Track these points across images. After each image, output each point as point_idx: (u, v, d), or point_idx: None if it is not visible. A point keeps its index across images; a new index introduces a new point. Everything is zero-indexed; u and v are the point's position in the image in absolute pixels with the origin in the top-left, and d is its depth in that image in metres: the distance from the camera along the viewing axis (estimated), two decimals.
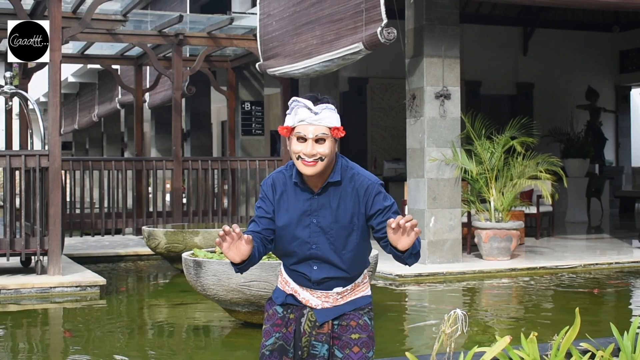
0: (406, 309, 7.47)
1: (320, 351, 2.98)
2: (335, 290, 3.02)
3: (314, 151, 2.88)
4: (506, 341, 3.75)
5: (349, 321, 3.01)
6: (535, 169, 9.96)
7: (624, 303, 7.72)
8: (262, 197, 3.05)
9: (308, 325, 3.00)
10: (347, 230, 2.97)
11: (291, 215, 2.99)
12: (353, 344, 2.99)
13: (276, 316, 3.06)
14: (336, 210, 2.96)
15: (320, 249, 2.97)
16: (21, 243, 8.41)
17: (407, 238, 2.81)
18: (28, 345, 6.13)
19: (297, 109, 2.93)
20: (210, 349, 5.93)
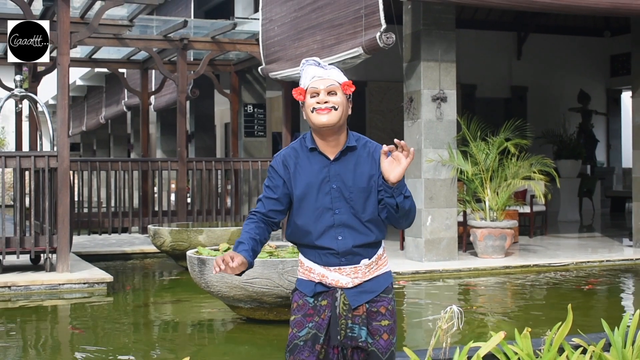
0: (403, 306, 7.47)
1: (360, 334, 2.94)
2: (363, 263, 2.97)
3: (327, 99, 2.90)
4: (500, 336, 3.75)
5: (379, 307, 2.99)
6: (529, 170, 9.96)
7: (615, 299, 7.73)
8: (271, 176, 3.02)
9: (343, 308, 2.95)
10: (366, 193, 2.95)
11: (310, 183, 2.95)
12: (383, 331, 2.98)
13: (307, 306, 2.99)
14: (354, 174, 2.95)
15: (342, 214, 2.93)
16: (31, 241, 8.41)
17: (399, 167, 2.81)
18: (37, 340, 6.14)
19: (307, 68, 2.97)
20: (214, 343, 5.94)
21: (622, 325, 4.05)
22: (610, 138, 19.20)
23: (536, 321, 6.22)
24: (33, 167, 8.50)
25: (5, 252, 8.30)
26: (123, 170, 12.54)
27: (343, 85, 2.96)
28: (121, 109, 18.58)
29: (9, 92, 9.90)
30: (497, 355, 3.84)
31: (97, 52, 13.98)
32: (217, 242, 8.64)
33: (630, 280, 8.76)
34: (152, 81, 15.59)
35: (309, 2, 10.39)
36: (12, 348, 5.77)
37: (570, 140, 15.42)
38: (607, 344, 4.02)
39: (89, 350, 5.61)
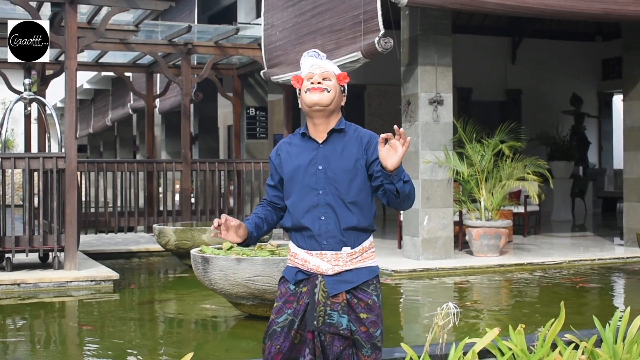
0: (401, 303, 7.47)
1: (340, 321, 2.93)
2: (344, 251, 2.97)
3: (321, 81, 2.99)
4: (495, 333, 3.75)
5: (359, 300, 2.98)
6: (523, 171, 9.96)
7: (607, 297, 7.73)
8: (271, 168, 3.15)
9: (322, 295, 2.95)
10: (351, 174, 2.98)
11: (298, 165, 3.01)
12: (361, 323, 2.97)
13: (288, 293, 3.02)
14: (340, 156, 2.99)
15: (326, 195, 2.97)
16: (39, 240, 8.41)
17: (396, 155, 2.82)
18: (46, 336, 6.14)
19: (306, 59, 3.09)
20: (217, 339, 5.94)
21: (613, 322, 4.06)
22: (602, 140, 19.20)
23: (530, 318, 6.22)
24: (42, 168, 8.50)
25: (15, 251, 8.30)
26: (129, 171, 12.54)
27: (338, 76, 3.05)
28: (127, 112, 18.59)
29: (18, 95, 9.90)
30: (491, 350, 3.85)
31: (104, 56, 13.99)
32: (221, 241, 8.63)
33: (621, 279, 8.76)
34: (157, 84, 15.60)
35: (310, 8, 10.40)
36: (22, 343, 5.77)
37: (563, 142, 15.42)
38: (598, 340, 4.02)
39: (95, 345, 5.61)
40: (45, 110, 10.40)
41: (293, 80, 3.08)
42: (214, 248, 6.55)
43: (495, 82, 17.41)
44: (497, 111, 17.25)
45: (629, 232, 10.51)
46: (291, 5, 10.97)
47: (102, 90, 21.50)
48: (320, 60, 3.07)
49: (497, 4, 8.76)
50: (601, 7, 9.14)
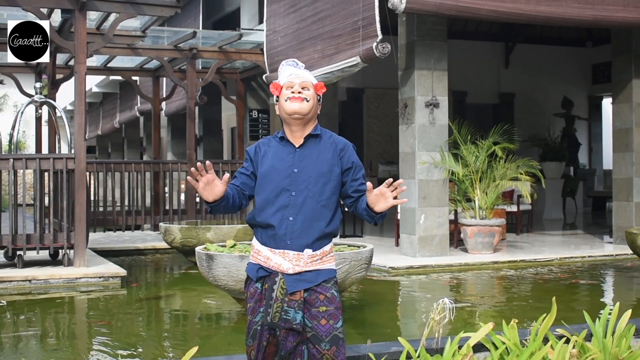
0: (398, 299, 7.47)
1: (295, 317, 2.92)
2: (306, 253, 2.97)
3: (300, 89, 3.00)
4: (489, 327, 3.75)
5: (317, 294, 2.97)
6: (516, 171, 9.96)
7: (597, 292, 7.72)
8: (246, 159, 3.14)
9: (280, 292, 2.96)
10: (325, 178, 3.00)
11: (274, 164, 3.02)
12: (321, 317, 2.95)
13: (257, 292, 3.03)
14: (316, 160, 3.01)
15: (299, 196, 2.97)
16: (50, 238, 8.41)
17: (385, 203, 2.91)
18: (56, 330, 6.14)
19: (285, 67, 3.08)
20: (221, 334, 5.94)
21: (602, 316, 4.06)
22: (592, 141, 19.20)
23: (522, 313, 6.22)
24: (52, 169, 8.50)
25: (26, 248, 8.30)
26: (136, 171, 12.54)
27: (316, 86, 3.06)
28: (134, 114, 18.59)
29: (30, 98, 9.90)
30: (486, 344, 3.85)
31: (112, 61, 13.99)
32: (224, 239, 8.64)
33: (610, 275, 8.76)
34: (163, 88, 15.60)
35: (310, 15, 10.40)
36: (33, 337, 5.77)
37: (555, 143, 15.43)
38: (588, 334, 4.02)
39: (104, 339, 5.61)
40: (56, 112, 10.40)
41: (272, 88, 3.08)
42: (218, 246, 6.55)
43: (489, 85, 17.41)
44: (491, 114, 17.24)
45: (618, 230, 10.51)
46: (293, 12, 10.97)
47: (110, 93, 21.50)
48: (298, 69, 3.07)
49: (491, 10, 8.76)
50: (591, 13, 9.14)
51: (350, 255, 5.86)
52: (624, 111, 10.55)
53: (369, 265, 6.09)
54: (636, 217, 10.35)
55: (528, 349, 3.61)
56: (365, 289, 7.52)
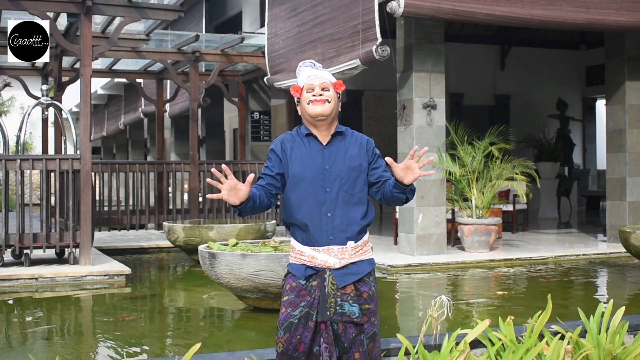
0: (397, 296, 7.47)
1: (351, 310, 2.97)
2: (349, 245, 3.00)
3: (322, 92, 3.01)
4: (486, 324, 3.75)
5: (362, 291, 3.02)
6: (512, 171, 9.96)
7: (591, 290, 7.72)
8: (270, 157, 3.11)
9: (331, 288, 2.98)
10: (356, 173, 3.04)
11: (305, 163, 3.01)
12: (364, 314, 3.01)
13: (299, 287, 3.02)
14: (344, 156, 3.04)
15: (333, 192, 2.99)
16: (56, 237, 8.41)
17: (412, 175, 2.93)
18: (62, 327, 6.13)
19: (303, 69, 3.09)
20: (223, 330, 5.94)
21: (597, 313, 4.05)
22: (586, 142, 19.19)
23: (518, 310, 6.21)
24: (58, 169, 8.50)
25: (33, 247, 8.30)
26: (140, 171, 12.54)
27: (335, 85, 3.07)
28: (138, 116, 18.58)
29: (36, 100, 9.90)
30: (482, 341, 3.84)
31: (117, 63, 14.00)
32: (227, 238, 8.64)
33: (604, 273, 8.75)
34: (166, 90, 15.60)
35: (311, 18, 10.39)
36: (39, 334, 5.77)
37: (550, 144, 15.42)
38: (583, 330, 4.02)
39: (108, 336, 5.61)
40: (62, 114, 10.40)
41: (292, 90, 3.09)
42: (221, 244, 6.55)
43: (485, 87, 17.40)
44: (487, 115, 17.23)
45: (612, 228, 10.50)
46: (293, 16, 10.96)
47: (115, 95, 21.50)
48: (317, 70, 3.08)
49: (487, 14, 8.75)
50: (585, 17, 9.13)
51: None
52: (617, 112, 10.55)
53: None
54: (629, 215, 10.34)
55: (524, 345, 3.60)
56: None
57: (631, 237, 7.79)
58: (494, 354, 3.67)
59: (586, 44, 17.46)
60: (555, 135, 17.07)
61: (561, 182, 15.73)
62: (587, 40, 17.31)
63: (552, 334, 3.97)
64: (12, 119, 26.02)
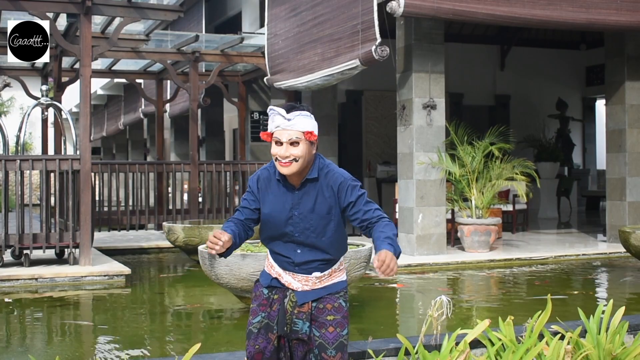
0: (397, 296, 7.47)
1: (302, 328, 2.97)
2: (314, 275, 3.01)
3: (288, 153, 2.89)
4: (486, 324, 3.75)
5: (325, 304, 3.01)
6: (512, 171, 9.95)
7: (591, 290, 7.72)
8: (248, 191, 3.10)
9: (290, 305, 3.00)
10: (325, 220, 2.98)
11: (275, 206, 3.00)
12: (328, 325, 2.98)
13: (262, 297, 3.06)
14: (314, 203, 2.97)
15: (301, 236, 2.98)
16: (56, 237, 8.41)
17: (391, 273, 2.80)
18: (61, 328, 6.13)
19: (273, 117, 2.93)
20: (223, 330, 5.94)
21: (596, 313, 4.05)
22: (586, 142, 19.19)
23: (518, 310, 6.21)
24: (58, 169, 8.49)
25: (33, 247, 8.29)
26: (140, 172, 12.54)
27: (306, 134, 2.90)
28: (138, 116, 18.58)
29: (36, 100, 9.90)
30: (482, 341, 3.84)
31: (117, 64, 13.98)
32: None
33: (604, 273, 8.76)
34: (166, 90, 15.59)
35: (311, 19, 10.39)
36: (38, 334, 5.77)
37: (549, 144, 15.42)
38: (583, 330, 4.02)
39: (108, 336, 5.61)
40: (61, 114, 10.39)
41: (262, 136, 2.98)
42: None
43: (485, 87, 17.39)
44: (487, 115, 17.22)
45: (612, 228, 10.50)
46: (293, 16, 10.96)
47: (114, 96, 21.50)
48: (286, 121, 2.89)
49: (487, 14, 8.75)
50: (585, 17, 9.14)
51: (350, 254, 5.86)
52: (617, 112, 10.55)
53: (367, 263, 6.09)
54: (629, 215, 10.34)
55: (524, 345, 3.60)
56: (364, 287, 7.51)
57: (631, 237, 7.79)
58: (493, 354, 3.67)
59: (586, 44, 17.46)
60: (555, 135, 17.07)
61: (561, 182, 15.73)
62: (587, 40, 17.31)
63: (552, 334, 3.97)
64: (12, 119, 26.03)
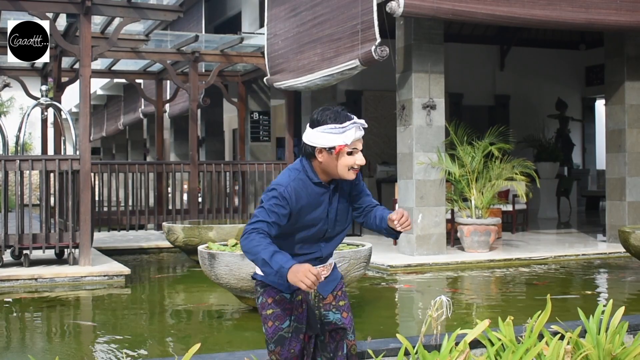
0: (397, 296, 7.47)
1: (334, 318, 3.07)
2: (329, 262, 3.14)
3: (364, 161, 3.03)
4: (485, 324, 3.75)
5: (336, 291, 3.15)
6: (511, 171, 9.96)
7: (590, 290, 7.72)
8: (281, 204, 2.91)
9: (315, 301, 3.09)
10: (347, 210, 3.13)
11: (313, 209, 3.00)
12: (342, 310, 3.11)
13: (285, 301, 3.03)
14: (341, 196, 3.10)
15: (332, 231, 3.07)
16: (55, 237, 8.41)
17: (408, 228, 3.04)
18: (61, 328, 6.14)
19: (355, 129, 2.94)
20: (223, 331, 5.94)
21: (596, 313, 4.05)
22: (586, 142, 19.19)
23: (518, 310, 6.21)
24: (57, 170, 8.50)
25: (32, 247, 8.30)
26: (140, 172, 12.54)
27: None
28: (138, 116, 18.58)
29: (36, 100, 9.90)
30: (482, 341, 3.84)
31: (116, 64, 13.98)
32: (226, 238, 8.63)
33: (604, 273, 8.76)
34: (166, 91, 15.59)
35: (310, 19, 10.39)
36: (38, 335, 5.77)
37: (549, 144, 15.42)
38: (582, 330, 4.02)
39: (108, 336, 5.61)
40: (61, 115, 10.39)
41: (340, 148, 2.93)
42: (220, 244, 6.54)
43: (484, 87, 17.39)
44: (487, 115, 17.22)
45: (611, 228, 10.50)
46: (293, 16, 10.96)
47: (114, 96, 21.49)
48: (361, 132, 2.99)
49: (487, 14, 8.75)
50: (585, 17, 9.14)
51: (349, 254, 5.86)
52: (617, 112, 10.55)
53: (367, 263, 6.09)
54: (629, 215, 10.34)
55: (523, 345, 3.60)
56: (363, 287, 7.51)
57: (631, 237, 7.79)
58: (493, 354, 3.67)
59: (586, 44, 17.47)
60: (555, 135, 17.07)
61: (561, 182, 15.73)
62: (587, 40, 17.32)
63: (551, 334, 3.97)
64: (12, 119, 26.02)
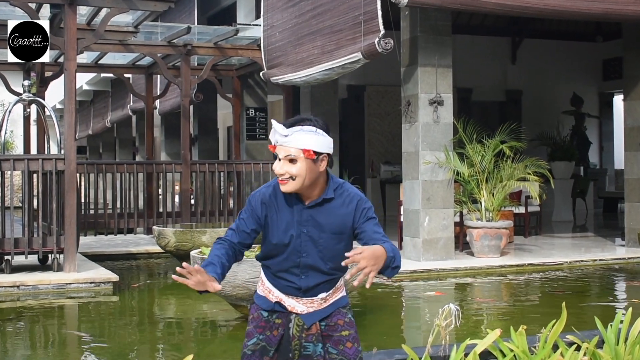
0: (402, 304, 7.47)
1: (315, 350, 2.95)
2: (320, 297, 2.98)
3: (283, 170, 2.84)
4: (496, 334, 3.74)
5: (335, 320, 2.99)
6: (524, 171, 9.96)
7: (609, 297, 7.72)
8: (248, 210, 2.98)
9: (296, 330, 2.97)
10: (336, 240, 2.93)
11: (282, 224, 2.93)
12: (345, 340, 2.97)
13: (261, 319, 3.01)
14: (327, 220, 2.92)
15: (309, 257, 2.92)
16: (39, 242, 8.41)
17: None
18: (45, 339, 6.13)
19: (273, 132, 2.90)
20: (217, 340, 5.94)
21: (614, 322, 4.05)
22: (603, 140, 19.20)
23: (531, 319, 6.21)
24: (41, 170, 8.50)
25: (14, 253, 8.29)
26: (128, 172, 12.54)
27: (304, 152, 2.84)
28: (126, 113, 18.59)
29: (18, 96, 9.91)
30: (493, 352, 3.84)
31: (103, 57, 13.98)
32: None
33: (623, 279, 8.75)
34: (156, 86, 15.60)
35: (310, 9, 10.40)
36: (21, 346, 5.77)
37: (564, 142, 15.42)
38: (600, 341, 4.01)
39: (95, 347, 5.60)
40: (45, 111, 10.39)
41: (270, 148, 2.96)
42: None
43: (495, 82, 17.41)
44: (498, 111, 17.24)
45: (631, 232, 10.50)
46: (291, 6, 10.97)
47: (101, 91, 21.50)
48: (283, 138, 2.86)
49: (497, 3, 8.76)
50: (601, 7, 9.14)
51: None
52: (636, 108, 10.55)
53: None
54: None
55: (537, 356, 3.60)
56: (367, 294, 7.51)
57: None
58: None
59: (603, 35, 17.47)
60: (570, 132, 17.08)
61: (576, 183, 15.73)
62: (604, 32, 17.32)
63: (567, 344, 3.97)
64: None
